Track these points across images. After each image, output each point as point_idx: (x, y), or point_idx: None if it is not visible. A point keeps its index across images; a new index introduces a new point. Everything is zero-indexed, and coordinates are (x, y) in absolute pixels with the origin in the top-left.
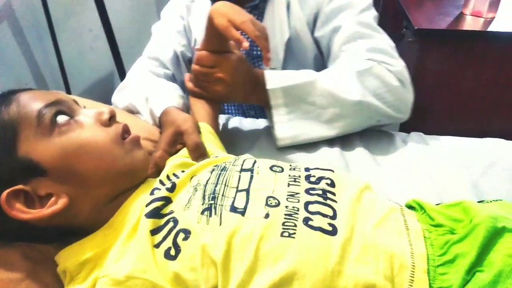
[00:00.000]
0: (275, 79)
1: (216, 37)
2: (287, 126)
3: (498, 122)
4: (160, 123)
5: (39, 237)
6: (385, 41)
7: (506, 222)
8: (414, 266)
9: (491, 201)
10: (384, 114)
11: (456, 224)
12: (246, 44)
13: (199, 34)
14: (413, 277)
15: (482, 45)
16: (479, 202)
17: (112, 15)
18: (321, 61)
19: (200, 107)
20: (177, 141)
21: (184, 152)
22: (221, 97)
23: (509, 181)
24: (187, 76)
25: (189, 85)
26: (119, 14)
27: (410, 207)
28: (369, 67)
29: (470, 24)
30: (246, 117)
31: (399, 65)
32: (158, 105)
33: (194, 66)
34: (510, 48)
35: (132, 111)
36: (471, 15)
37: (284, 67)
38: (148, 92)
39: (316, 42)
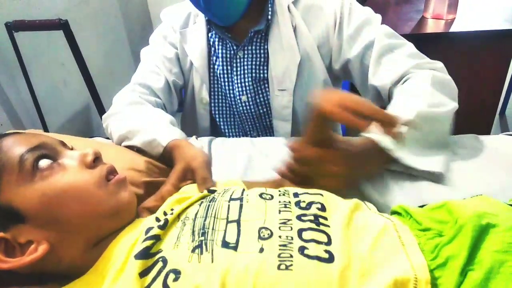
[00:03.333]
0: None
1: (323, 129)
2: (423, 161)
3: (467, 120)
4: (167, 154)
5: (29, 281)
6: (413, 46)
7: (489, 218)
8: (416, 277)
9: (472, 197)
10: (456, 109)
11: (443, 226)
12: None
13: (196, 59)
14: None
15: (445, 46)
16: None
17: (83, 48)
18: (330, 84)
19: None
20: (186, 177)
21: (185, 188)
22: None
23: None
24: (284, 167)
25: (288, 175)
26: (90, 46)
27: (395, 212)
28: (432, 76)
29: (432, 26)
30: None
31: (437, 62)
32: (163, 134)
33: (296, 162)
34: (472, 46)
35: (126, 136)
36: (432, 18)
37: (295, 88)
38: (147, 119)
39: (346, 64)
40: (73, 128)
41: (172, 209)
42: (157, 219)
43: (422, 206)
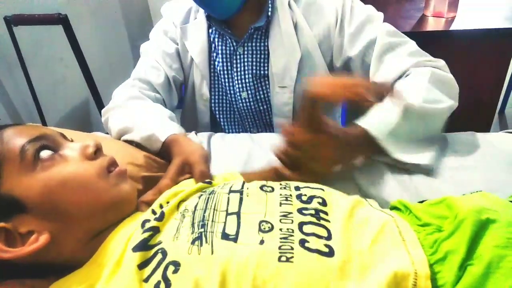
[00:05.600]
0: (378, 126)
1: (316, 112)
2: (411, 155)
3: (466, 118)
4: (166, 149)
5: (29, 273)
6: (415, 44)
7: (489, 214)
8: (416, 272)
9: (471, 193)
10: (455, 107)
11: (442, 221)
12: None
13: (197, 55)
14: (415, 285)
15: (445, 44)
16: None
17: (82, 43)
18: None
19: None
20: (184, 171)
21: (183, 182)
22: (326, 172)
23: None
24: (278, 151)
25: (282, 159)
26: (89, 41)
27: (395, 208)
28: (431, 73)
29: (432, 24)
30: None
31: (439, 60)
32: (162, 129)
33: (289, 145)
34: (472, 44)
35: (125, 131)
36: (433, 16)
37: (296, 85)
38: (147, 114)
39: (347, 62)
40: (72, 123)
41: (168, 202)
42: (153, 212)
43: (421, 202)
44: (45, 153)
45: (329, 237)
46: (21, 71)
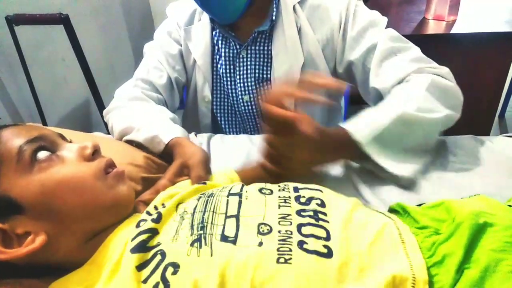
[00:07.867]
0: (362, 130)
1: (277, 124)
2: (394, 163)
3: (466, 121)
4: (168, 151)
5: (26, 273)
6: (419, 50)
7: (486, 217)
8: (414, 277)
9: (469, 197)
10: (454, 118)
11: (440, 224)
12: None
13: (200, 57)
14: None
15: (446, 47)
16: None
17: (83, 43)
18: None
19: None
20: (182, 173)
21: (179, 184)
22: (306, 171)
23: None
24: (262, 159)
25: (266, 164)
26: (90, 42)
27: (393, 210)
28: (430, 81)
29: (433, 28)
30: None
31: (443, 67)
32: (166, 132)
33: (266, 152)
34: (472, 48)
35: (128, 131)
36: (434, 19)
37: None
38: (150, 116)
39: (348, 66)
40: (73, 124)
41: (163, 204)
42: (148, 213)
43: (420, 205)
44: (42, 154)
45: (328, 238)
46: (22, 71)
